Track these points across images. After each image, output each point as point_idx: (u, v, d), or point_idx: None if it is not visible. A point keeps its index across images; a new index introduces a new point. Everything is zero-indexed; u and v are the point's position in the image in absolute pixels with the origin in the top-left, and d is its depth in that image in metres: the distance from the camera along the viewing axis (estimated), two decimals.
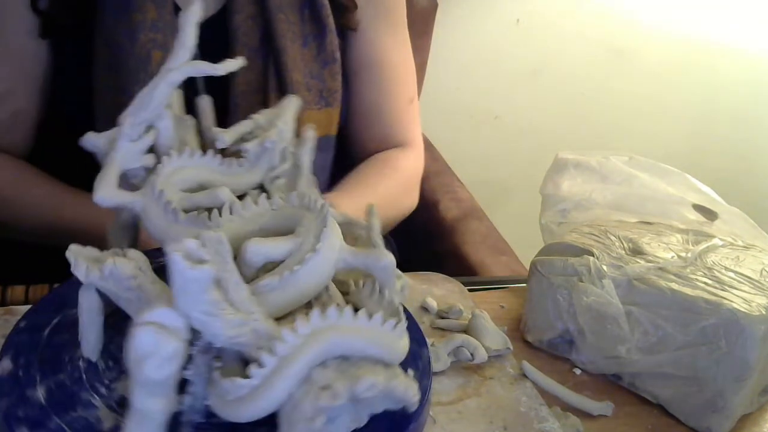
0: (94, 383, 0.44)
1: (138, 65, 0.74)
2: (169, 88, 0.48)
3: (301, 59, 0.80)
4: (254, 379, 0.37)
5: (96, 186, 0.45)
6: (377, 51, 0.88)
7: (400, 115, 0.91)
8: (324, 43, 0.81)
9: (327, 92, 0.82)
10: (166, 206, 0.44)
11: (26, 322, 0.47)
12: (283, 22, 0.78)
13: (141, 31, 0.73)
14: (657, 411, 0.58)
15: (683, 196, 0.72)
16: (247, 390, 0.38)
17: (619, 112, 1.79)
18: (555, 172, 0.75)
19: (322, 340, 0.38)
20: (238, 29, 0.78)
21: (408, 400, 0.40)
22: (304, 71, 0.80)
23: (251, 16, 0.78)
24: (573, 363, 0.62)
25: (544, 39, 1.67)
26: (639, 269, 0.59)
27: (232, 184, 0.49)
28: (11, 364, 0.44)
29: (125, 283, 0.41)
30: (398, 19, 0.91)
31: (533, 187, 0.77)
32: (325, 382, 0.38)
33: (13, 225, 0.76)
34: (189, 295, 0.36)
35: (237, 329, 0.38)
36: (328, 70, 0.82)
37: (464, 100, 1.69)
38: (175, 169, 0.48)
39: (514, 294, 0.70)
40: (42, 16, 0.75)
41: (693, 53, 1.76)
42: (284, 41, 0.79)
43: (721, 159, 1.86)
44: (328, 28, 0.81)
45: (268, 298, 0.41)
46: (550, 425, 0.52)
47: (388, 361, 0.41)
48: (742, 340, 0.53)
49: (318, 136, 0.83)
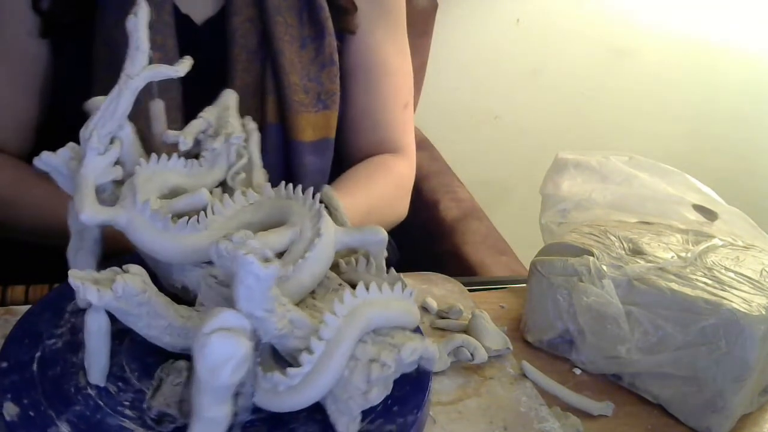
0: (116, 407, 0.43)
1: None
2: (132, 96, 0.48)
3: (299, 61, 0.80)
4: (305, 367, 0.39)
5: (79, 206, 0.45)
6: (375, 54, 0.88)
7: (394, 120, 0.91)
8: (322, 45, 0.81)
9: (325, 95, 0.82)
10: (153, 216, 0.44)
11: (8, 362, 0.46)
12: (281, 25, 0.78)
13: None
14: (657, 411, 0.58)
15: (683, 196, 0.72)
16: (300, 378, 0.39)
17: (619, 112, 1.79)
18: (555, 172, 0.75)
19: (360, 317, 0.40)
20: (236, 31, 0.77)
21: (435, 358, 0.43)
22: (302, 74, 0.80)
23: (249, 19, 0.78)
24: (573, 363, 0.62)
25: (544, 39, 1.67)
26: (639, 269, 0.59)
27: (199, 184, 0.50)
28: (17, 407, 0.43)
29: (136, 299, 0.41)
30: (398, 22, 0.91)
31: (533, 187, 0.77)
32: (370, 356, 0.40)
33: (12, 225, 0.76)
34: (256, 294, 0.37)
35: (283, 322, 0.39)
36: (326, 73, 0.82)
37: (464, 100, 1.69)
38: (147, 177, 0.48)
39: (514, 294, 0.70)
40: (43, 16, 0.75)
41: (693, 53, 1.76)
42: (282, 43, 0.78)
43: (721, 159, 1.86)
44: (327, 30, 0.81)
45: (287, 288, 0.42)
46: (550, 425, 0.52)
47: (410, 326, 0.43)
48: (741, 340, 0.53)
49: (316, 139, 0.84)
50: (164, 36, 0.74)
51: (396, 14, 0.90)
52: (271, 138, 0.81)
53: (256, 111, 0.80)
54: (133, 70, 0.47)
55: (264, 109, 0.80)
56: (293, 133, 0.81)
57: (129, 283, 0.40)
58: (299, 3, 0.80)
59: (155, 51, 0.74)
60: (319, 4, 0.80)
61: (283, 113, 0.80)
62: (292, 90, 0.79)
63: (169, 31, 0.74)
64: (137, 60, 0.47)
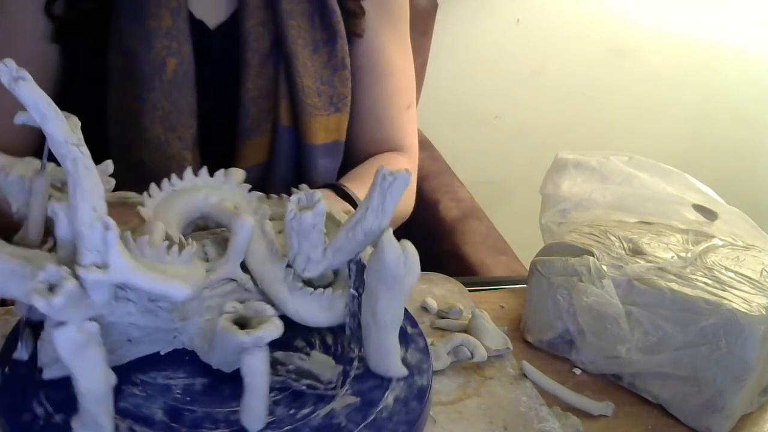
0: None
1: (153, 72, 0.74)
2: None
3: (312, 65, 0.80)
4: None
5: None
6: (380, 55, 0.88)
7: (398, 121, 0.91)
8: (335, 49, 0.81)
9: (337, 98, 0.83)
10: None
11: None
12: (294, 28, 0.79)
13: (156, 38, 0.73)
14: (657, 411, 0.58)
15: (683, 196, 0.72)
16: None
17: (619, 112, 1.79)
18: (555, 172, 0.75)
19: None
20: (249, 35, 0.78)
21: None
22: (315, 77, 0.81)
23: (262, 22, 0.78)
24: (573, 363, 0.62)
25: (544, 39, 1.67)
26: (639, 269, 0.59)
27: None
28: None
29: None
30: (402, 25, 0.91)
31: (533, 187, 0.77)
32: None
33: None
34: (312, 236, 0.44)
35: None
36: (338, 77, 0.82)
37: (464, 100, 1.69)
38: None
39: (514, 294, 0.71)
40: (55, 21, 0.75)
41: (693, 53, 1.76)
42: (295, 47, 0.79)
43: (721, 159, 1.86)
44: (339, 34, 0.81)
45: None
46: (550, 425, 0.52)
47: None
48: (741, 340, 0.53)
49: (328, 142, 0.84)
50: (180, 42, 0.74)
51: (400, 16, 0.90)
52: (283, 141, 0.82)
53: (269, 114, 0.80)
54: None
55: (277, 112, 0.81)
56: (306, 137, 0.81)
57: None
58: (311, 7, 0.80)
59: (171, 57, 0.75)
60: (331, 8, 0.80)
61: (296, 116, 0.81)
62: (306, 93, 0.79)
63: (184, 37, 0.75)
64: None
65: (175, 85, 0.75)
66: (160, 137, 0.76)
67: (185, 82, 0.75)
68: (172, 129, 0.76)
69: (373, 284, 0.44)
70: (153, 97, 0.74)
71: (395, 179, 0.43)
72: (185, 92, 0.76)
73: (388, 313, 0.45)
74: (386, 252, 0.43)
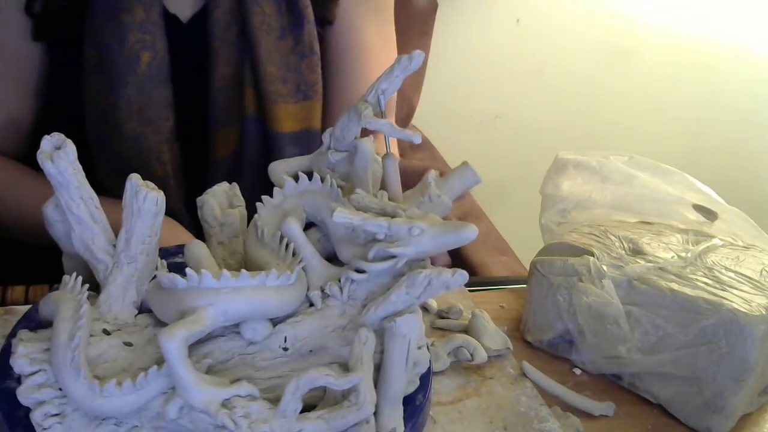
0: None
1: (127, 66, 0.74)
2: None
3: (277, 52, 0.80)
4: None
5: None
6: (358, 41, 0.87)
7: None
8: (302, 35, 0.80)
9: (305, 85, 0.82)
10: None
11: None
12: (259, 15, 0.78)
13: (129, 32, 0.73)
14: (657, 411, 0.58)
15: (683, 196, 0.72)
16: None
17: (619, 112, 1.79)
18: (555, 172, 0.75)
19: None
20: (217, 24, 0.78)
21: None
22: (280, 64, 0.80)
23: (230, 11, 0.78)
24: (573, 363, 0.62)
25: (544, 39, 1.67)
26: (639, 269, 0.59)
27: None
28: None
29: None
30: (385, 15, 0.90)
31: (533, 187, 0.77)
32: None
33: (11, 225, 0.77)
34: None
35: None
36: (306, 63, 0.81)
37: (464, 100, 1.69)
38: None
39: (514, 294, 0.71)
40: (35, 19, 0.75)
41: (693, 53, 1.76)
42: (259, 33, 0.78)
43: (721, 159, 1.86)
44: (306, 18, 0.80)
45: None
46: (550, 425, 0.52)
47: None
48: (742, 340, 0.53)
49: (296, 130, 0.83)
50: (153, 35, 0.74)
51: (383, 6, 0.90)
52: (250, 130, 0.81)
53: (237, 103, 0.80)
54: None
55: (243, 100, 0.80)
56: (272, 124, 0.81)
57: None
58: None
59: (145, 51, 0.75)
60: None
61: (261, 104, 0.80)
62: (269, 81, 0.79)
63: (158, 30, 0.75)
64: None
65: (149, 79, 0.75)
66: (136, 130, 0.76)
67: (160, 76, 0.75)
68: (149, 122, 0.76)
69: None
70: (127, 91, 0.74)
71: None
72: (160, 86, 0.75)
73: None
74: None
